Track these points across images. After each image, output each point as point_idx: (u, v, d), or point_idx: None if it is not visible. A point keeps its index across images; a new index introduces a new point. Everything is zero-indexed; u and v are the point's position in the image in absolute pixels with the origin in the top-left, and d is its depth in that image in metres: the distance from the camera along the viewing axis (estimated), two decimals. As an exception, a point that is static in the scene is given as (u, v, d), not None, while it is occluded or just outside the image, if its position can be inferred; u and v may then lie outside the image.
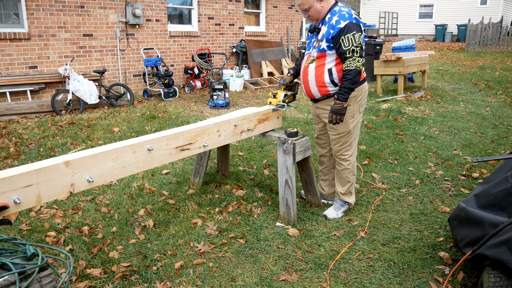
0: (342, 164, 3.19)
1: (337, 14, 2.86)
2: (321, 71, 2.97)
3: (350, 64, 2.78)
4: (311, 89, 3.08)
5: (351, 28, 2.78)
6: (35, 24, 7.02)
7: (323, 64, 2.95)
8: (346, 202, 3.27)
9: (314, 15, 2.96)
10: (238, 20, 10.63)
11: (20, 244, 1.82)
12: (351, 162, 3.18)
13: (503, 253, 1.94)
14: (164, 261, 2.63)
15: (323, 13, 2.94)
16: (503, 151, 4.79)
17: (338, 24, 2.81)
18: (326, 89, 3.00)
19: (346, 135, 3.10)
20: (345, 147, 3.14)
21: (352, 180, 3.24)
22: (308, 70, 3.05)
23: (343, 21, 2.81)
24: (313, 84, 3.04)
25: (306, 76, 3.08)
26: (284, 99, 3.27)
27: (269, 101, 3.31)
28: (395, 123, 6.05)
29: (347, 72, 2.80)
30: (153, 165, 2.56)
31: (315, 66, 3.00)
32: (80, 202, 3.49)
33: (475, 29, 17.54)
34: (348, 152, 3.16)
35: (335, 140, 3.15)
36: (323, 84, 2.99)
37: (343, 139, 3.11)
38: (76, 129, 5.75)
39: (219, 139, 2.97)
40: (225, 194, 3.62)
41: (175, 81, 9.24)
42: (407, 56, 8.47)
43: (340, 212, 3.24)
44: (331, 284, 2.43)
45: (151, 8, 8.63)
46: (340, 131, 3.09)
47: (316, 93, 3.07)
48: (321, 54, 2.94)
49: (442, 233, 2.99)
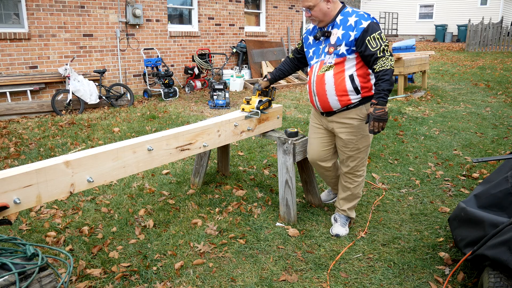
0: (356, 180, 2.95)
1: (354, 15, 2.61)
2: (341, 78, 2.67)
3: (384, 64, 2.50)
4: (329, 100, 2.74)
5: (375, 27, 2.56)
6: (35, 24, 7.02)
7: (343, 70, 2.66)
8: (350, 217, 3.08)
9: (317, 16, 2.66)
10: (238, 20, 10.63)
11: (20, 244, 1.82)
12: (363, 176, 2.98)
13: (503, 253, 1.94)
14: (164, 261, 2.63)
15: (329, 15, 2.66)
16: (503, 151, 4.78)
17: (360, 25, 2.56)
18: (347, 98, 2.70)
19: (364, 150, 2.86)
20: (362, 162, 2.91)
21: (360, 194, 3.04)
22: (324, 79, 2.71)
23: (364, 21, 2.56)
24: (332, 94, 2.71)
25: (322, 85, 2.73)
26: (259, 105, 3.06)
27: (242, 108, 3.09)
28: (395, 123, 6.05)
29: (383, 72, 2.50)
30: (153, 165, 2.56)
31: (334, 74, 2.68)
32: (80, 202, 3.49)
33: (475, 29, 17.54)
34: (364, 167, 2.94)
35: (353, 157, 2.86)
36: (345, 92, 2.68)
37: (361, 154, 2.86)
38: (76, 129, 5.75)
39: (219, 139, 2.97)
40: (225, 194, 3.62)
41: (175, 81, 9.24)
42: (407, 56, 8.47)
43: (347, 226, 3.05)
44: (331, 284, 2.43)
45: (151, 8, 8.64)
46: (360, 145, 2.82)
47: (335, 105, 2.75)
48: (340, 60, 2.65)
49: (442, 234, 2.99)
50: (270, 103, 3.19)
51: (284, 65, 3.13)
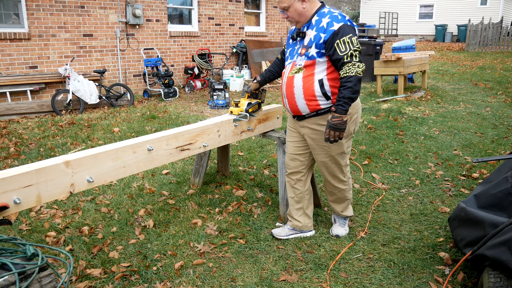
0: (337, 187, 2.84)
1: (328, 16, 2.48)
2: (310, 82, 2.55)
3: (349, 70, 2.38)
4: (297, 104, 2.63)
5: (347, 30, 2.42)
6: (35, 24, 7.02)
7: (312, 74, 2.54)
8: (347, 216, 3.02)
9: (293, 17, 2.57)
10: (238, 20, 10.63)
11: (20, 244, 1.82)
12: (347, 181, 2.85)
13: (503, 253, 1.94)
14: (164, 261, 2.63)
15: (305, 15, 2.56)
16: (503, 151, 4.79)
17: (331, 27, 2.44)
18: (316, 103, 2.57)
19: (340, 157, 2.72)
20: (340, 168, 2.78)
21: (350, 195, 2.94)
22: (293, 81, 2.61)
23: (336, 23, 2.44)
24: (300, 98, 2.60)
25: (291, 88, 2.63)
26: (248, 108, 2.98)
27: (230, 110, 3.03)
28: (395, 123, 6.05)
29: (346, 79, 2.38)
30: (153, 165, 2.56)
31: (303, 77, 2.57)
32: (80, 202, 3.49)
33: (475, 29, 17.54)
34: (343, 173, 2.81)
35: (327, 163, 2.74)
36: (313, 97, 2.56)
37: (336, 161, 2.73)
38: (76, 129, 5.75)
39: (219, 139, 2.97)
40: (225, 194, 3.62)
41: (175, 81, 9.24)
42: (407, 56, 8.47)
43: (347, 226, 3.01)
44: (331, 284, 2.43)
45: (151, 8, 8.64)
46: (332, 152, 2.68)
47: (303, 109, 2.63)
48: (310, 62, 2.53)
49: (442, 234, 2.99)
50: (260, 105, 3.12)
51: (274, 66, 3.02)
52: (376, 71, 8.43)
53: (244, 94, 3.03)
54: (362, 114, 6.60)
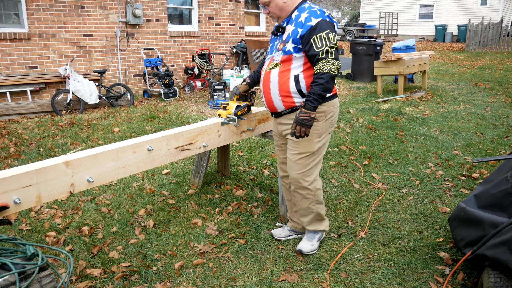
0: (300, 193, 2.66)
1: (307, 11, 2.44)
2: (286, 77, 2.49)
3: (323, 67, 2.33)
4: (273, 100, 2.57)
5: (324, 26, 2.36)
6: (35, 24, 7.02)
7: (289, 69, 2.49)
8: (317, 231, 2.79)
9: (275, 12, 2.53)
10: (238, 20, 10.63)
11: (20, 244, 1.82)
12: (311, 190, 2.64)
13: (503, 253, 1.94)
14: (164, 261, 2.63)
15: (286, 10, 2.51)
16: (503, 152, 4.79)
17: (309, 22, 2.39)
18: (291, 100, 2.52)
19: (307, 157, 2.57)
20: (305, 171, 2.59)
21: (316, 208, 2.70)
22: (270, 76, 2.56)
23: (314, 18, 2.38)
24: (275, 94, 2.54)
25: (267, 84, 2.57)
26: (236, 111, 2.91)
27: (218, 113, 2.95)
28: (395, 123, 6.05)
29: (318, 75, 2.34)
30: (153, 165, 2.56)
31: (279, 72, 2.51)
32: (80, 202, 3.49)
33: (475, 29, 17.54)
34: (308, 178, 2.61)
35: (293, 162, 2.60)
36: (288, 93, 2.50)
37: (302, 161, 2.58)
38: (76, 129, 5.75)
39: (219, 139, 2.98)
40: (225, 194, 3.62)
41: (175, 81, 9.24)
42: (407, 56, 8.48)
43: (315, 241, 2.77)
44: (331, 285, 2.43)
45: (151, 8, 8.64)
46: (301, 150, 2.56)
47: (279, 105, 2.57)
48: (287, 58, 2.48)
49: (442, 234, 2.99)
50: (249, 108, 3.05)
51: (262, 67, 2.88)
52: (376, 71, 8.44)
53: (233, 97, 2.96)
54: (362, 114, 6.60)
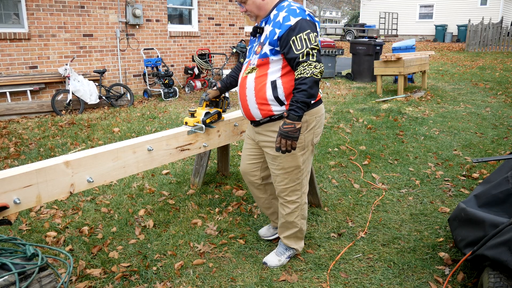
0: (288, 206, 2.49)
1: (285, 9, 2.20)
2: (262, 83, 2.26)
3: (304, 71, 2.09)
4: (249, 108, 2.34)
5: (304, 26, 2.13)
6: (35, 24, 7.02)
7: (265, 74, 2.25)
8: (291, 247, 2.63)
9: (252, 10, 2.30)
10: (238, 20, 10.63)
11: (20, 244, 1.82)
12: (299, 204, 2.50)
13: (503, 253, 1.94)
14: (164, 261, 2.63)
15: (264, 9, 2.29)
16: (503, 152, 4.79)
17: (287, 21, 2.15)
18: (268, 108, 2.28)
19: (293, 172, 2.39)
20: (293, 186, 2.43)
21: (301, 225, 2.56)
22: (246, 82, 2.33)
23: (293, 17, 2.15)
24: (252, 101, 2.31)
25: (243, 90, 2.34)
26: (205, 118, 2.71)
27: (185, 121, 2.76)
28: (395, 123, 6.05)
29: (300, 80, 2.09)
30: (153, 165, 2.56)
31: (255, 77, 2.28)
32: (80, 202, 3.49)
33: (475, 29, 17.55)
34: (297, 192, 2.46)
35: (279, 177, 2.41)
36: (265, 101, 2.26)
37: (290, 176, 2.39)
38: (76, 129, 5.75)
39: (219, 139, 2.97)
40: (225, 194, 3.62)
41: (175, 81, 9.24)
42: (407, 56, 8.48)
43: (285, 257, 2.60)
44: (331, 285, 2.43)
45: (151, 8, 8.64)
46: (285, 165, 2.35)
47: (256, 114, 2.33)
48: (263, 61, 2.25)
49: (442, 234, 2.99)
50: (220, 115, 2.84)
51: (236, 71, 2.69)
52: (376, 71, 8.44)
53: (202, 103, 2.72)
54: (362, 114, 6.60)
